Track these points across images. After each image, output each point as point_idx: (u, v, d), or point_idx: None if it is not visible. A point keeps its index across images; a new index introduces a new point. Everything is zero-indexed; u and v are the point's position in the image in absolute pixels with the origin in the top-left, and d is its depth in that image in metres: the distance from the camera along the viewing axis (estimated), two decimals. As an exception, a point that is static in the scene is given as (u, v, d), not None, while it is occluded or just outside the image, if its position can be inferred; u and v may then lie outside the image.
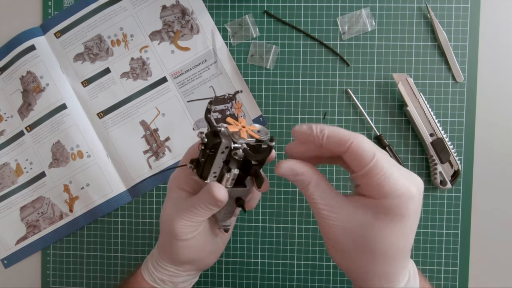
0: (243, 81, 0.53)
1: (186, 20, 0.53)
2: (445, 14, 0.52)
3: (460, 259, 0.52)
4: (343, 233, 0.29)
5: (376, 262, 0.29)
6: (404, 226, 0.28)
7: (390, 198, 0.27)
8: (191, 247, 0.36)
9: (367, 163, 0.27)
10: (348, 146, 0.28)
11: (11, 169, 0.56)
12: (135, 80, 0.54)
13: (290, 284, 0.53)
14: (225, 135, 0.31)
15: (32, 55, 0.54)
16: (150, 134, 0.54)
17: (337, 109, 0.53)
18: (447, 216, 0.52)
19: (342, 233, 0.29)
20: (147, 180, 0.54)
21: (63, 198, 0.55)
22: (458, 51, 0.52)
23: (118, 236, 0.55)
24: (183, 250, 0.36)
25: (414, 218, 0.28)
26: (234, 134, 0.31)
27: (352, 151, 0.28)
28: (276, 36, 0.53)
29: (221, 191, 0.32)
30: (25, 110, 0.55)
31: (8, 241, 0.56)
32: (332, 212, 0.29)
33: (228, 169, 0.32)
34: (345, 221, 0.29)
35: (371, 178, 0.27)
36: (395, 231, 0.28)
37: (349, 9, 0.52)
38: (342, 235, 0.29)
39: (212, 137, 0.30)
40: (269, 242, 0.53)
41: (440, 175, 0.50)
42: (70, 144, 0.54)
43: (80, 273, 0.56)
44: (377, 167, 0.27)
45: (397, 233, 0.28)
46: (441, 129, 0.50)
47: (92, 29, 0.54)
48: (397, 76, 0.50)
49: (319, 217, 0.30)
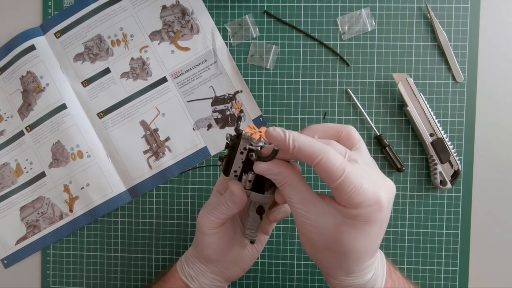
0: (243, 81, 0.53)
1: (186, 20, 0.53)
2: (445, 14, 0.52)
3: (460, 259, 0.52)
4: (314, 231, 0.31)
5: (342, 260, 0.31)
6: (370, 232, 0.30)
7: (359, 208, 0.29)
8: (212, 243, 0.38)
9: (335, 179, 0.28)
10: (317, 162, 0.28)
11: (11, 169, 0.56)
12: (135, 80, 0.54)
13: (290, 284, 0.53)
14: (245, 138, 0.34)
15: (32, 55, 0.54)
16: (150, 134, 0.54)
17: (337, 109, 0.53)
18: (447, 216, 0.52)
19: (314, 231, 0.31)
20: (147, 180, 0.54)
21: (63, 198, 0.55)
22: (458, 51, 0.52)
23: (118, 236, 0.55)
24: (204, 244, 0.38)
25: (382, 225, 0.30)
26: (253, 138, 0.34)
27: (321, 167, 0.28)
28: (276, 36, 0.53)
29: (236, 185, 0.35)
30: (25, 110, 0.55)
31: (8, 241, 0.56)
32: (306, 212, 0.31)
33: (246, 170, 0.34)
34: (317, 221, 0.31)
35: (340, 192, 0.29)
36: (362, 236, 0.30)
37: (349, 9, 0.52)
38: (314, 233, 0.31)
39: (236, 138, 0.34)
40: (269, 242, 0.53)
41: (440, 175, 0.50)
42: (70, 144, 0.54)
43: (80, 273, 0.56)
44: (345, 183, 0.28)
45: (364, 238, 0.30)
46: (441, 129, 0.50)
47: (92, 29, 0.54)
48: (397, 76, 0.50)
49: (294, 213, 0.32)
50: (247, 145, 0.33)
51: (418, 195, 0.52)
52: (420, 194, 0.52)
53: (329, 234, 0.30)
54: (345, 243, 0.30)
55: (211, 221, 0.37)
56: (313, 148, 0.29)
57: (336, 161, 0.28)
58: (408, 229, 0.52)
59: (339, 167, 0.28)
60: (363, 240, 0.30)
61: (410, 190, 0.52)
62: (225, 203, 0.36)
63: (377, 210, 0.29)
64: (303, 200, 0.31)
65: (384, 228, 0.31)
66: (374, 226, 0.29)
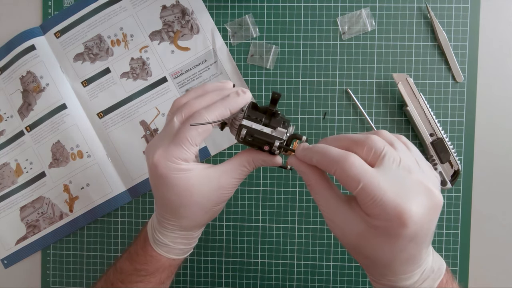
0: (243, 81, 0.53)
1: (186, 20, 0.53)
2: (445, 14, 0.52)
3: (460, 259, 0.52)
4: (340, 233, 0.30)
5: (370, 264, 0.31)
6: (395, 245, 0.28)
7: (380, 220, 0.27)
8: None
9: (353, 189, 0.27)
10: (334, 172, 0.29)
11: (11, 169, 0.56)
12: (135, 80, 0.54)
13: (290, 284, 0.53)
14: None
15: (32, 55, 0.54)
16: (150, 134, 0.54)
17: (337, 109, 0.53)
18: (447, 216, 0.52)
19: (339, 234, 0.31)
20: (147, 180, 0.54)
21: (63, 198, 0.55)
22: (458, 51, 0.52)
23: (118, 236, 0.55)
24: None
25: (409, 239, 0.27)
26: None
27: (338, 177, 0.28)
28: (276, 36, 0.53)
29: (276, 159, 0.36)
30: (25, 110, 0.55)
31: (8, 241, 0.56)
32: (331, 215, 0.31)
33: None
34: (341, 226, 0.30)
35: (361, 201, 0.28)
36: (385, 247, 0.28)
37: (349, 9, 0.52)
38: (340, 235, 0.31)
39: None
40: (269, 242, 0.53)
41: (440, 175, 0.50)
42: (70, 144, 0.54)
43: (80, 273, 0.56)
44: (363, 193, 0.27)
45: (388, 250, 0.28)
46: (441, 129, 0.50)
47: (92, 29, 0.54)
48: (397, 76, 0.50)
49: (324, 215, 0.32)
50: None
51: (418, 195, 0.52)
52: (420, 194, 0.52)
53: (353, 239, 0.29)
54: (368, 251, 0.29)
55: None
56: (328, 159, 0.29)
57: (353, 171, 0.27)
58: (408, 229, 0.52)
59: (355, 178, 0.27)
60: (386, 251, 0.28)
61: (410, 190, 0.52)
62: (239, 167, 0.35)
63: (398, 225, 0.26)
64: (327, 204, 0.31)
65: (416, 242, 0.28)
66: (398, 240, 0.27)
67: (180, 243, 0.38)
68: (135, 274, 0.39)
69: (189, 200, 0.34)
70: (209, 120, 0.33)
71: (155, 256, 0.38)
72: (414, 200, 0.27)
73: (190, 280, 0.54)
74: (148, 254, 0.38)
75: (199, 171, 0.34)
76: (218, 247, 0.54)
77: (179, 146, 0.33)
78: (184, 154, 0.33)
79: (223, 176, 0.35)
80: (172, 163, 0.33)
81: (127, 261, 0.39)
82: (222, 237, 0.54)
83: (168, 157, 0.33)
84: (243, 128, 0.33)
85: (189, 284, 0.54)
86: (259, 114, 0.35)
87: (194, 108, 0.34)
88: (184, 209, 0.35)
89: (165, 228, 0.37)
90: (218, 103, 0.34)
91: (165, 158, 0.33)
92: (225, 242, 0.54)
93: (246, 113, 0.34)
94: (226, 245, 0.54)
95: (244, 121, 0.34)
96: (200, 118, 0.33)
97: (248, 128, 0.34)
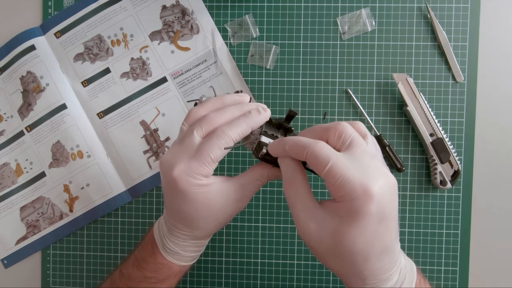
0: (243, 81, 0.53)
1: (186, 20, 0.53)
2: (445, 14, 0.52)
3: (460, 259, 0.52)
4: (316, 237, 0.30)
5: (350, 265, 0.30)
6: (367, 228, 0.28)
7: (348, 201, 0.28)
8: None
9: (321, 169, 0.29)
10: (305, 155, 0.30)
11: (11, 169, 0.56)
12: (135, 80, 0.54)
13: (290, 284, 0.53)
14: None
15: (32, 55, 0.54)
16: (150, 134, 0.54)
17: (337, 109, 0.53)
18: (447, 216, 0.52)
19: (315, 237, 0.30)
20: (147, 180, 0.54)
21: (63, 198, 0.55)
22: (458, 51, 0.52)
23: (118, 236, 0.55)
24: None
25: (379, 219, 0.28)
26: None
27: (309, 159, 0.30)
28: (276, 36, 0.53)
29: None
30: (25, 110, 0.55)
31: (8, 241, 0.56)
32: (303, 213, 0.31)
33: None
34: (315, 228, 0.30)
35: (329, 182, 0.29)
36: (359, 233, 0.28)
37: (349, 9, 0.52)
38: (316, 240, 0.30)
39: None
40: (269, 242, 0.53)
41: (440, 175, 0.50)
42: (70, 144, 0.54)
43: (80, 273, 0.56)
44: (331, 172, 0.28)
45: (362, 236, 0.28)
46: (441, 129, 0.50)
47: (92, 29, 0.54)
48: (397, 76, 0.50)
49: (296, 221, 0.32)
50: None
51: (418, 195, 0.52)
52: (420, 194, 0.52)
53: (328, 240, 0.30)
54: (345, 244, 0.29)
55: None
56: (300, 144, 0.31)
57: (322, 152, 0.29)
58: (408, 229, 0.52)
59: (325, 158, 0.29)
60: (362, 238, 0.29)
61: (410, 190, 0.52)
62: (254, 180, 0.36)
63: (366, 201, 0.28)
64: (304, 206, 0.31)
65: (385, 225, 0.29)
66: (369, 221, 0.28)
67: (191, 251, 0.38)
68: (144, 281, 0.39)
69: (206, 213, 0.35)
70: (232, 137, 0.33)
71: (166, 264, 0.38)
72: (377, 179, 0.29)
73: (190, 280, 0.54)
74: (158, 262, 0.38)
75: (217, 185, 0.34)
76: (218, 247, 0.54)
77: (201, 163, 0.33)
78: (205, 170, 0.33)
79: (240, 189, 0.35)
80: (194, 179, 0.33)
81: (135, 268, 0.39)
82: (222, 237, 0.54)
83: (189, 173, 0.33)
84: (263, 147, 0.34)
85: (189, 284, 0.54)
86: (274, 130, 0.36)
87: (215, 123, 0.34)
88: (199, 221, 0.35)
89: (176, 237, 0.37)
90: (241, 121, 0.34)
91: (186, 173, 0.33)
92: (225, 242, 0.54)
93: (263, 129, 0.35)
94: (226, 245, 0.54)
95: (263, 138, 0.34)
96: (223, 135, 0.33)
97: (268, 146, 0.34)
